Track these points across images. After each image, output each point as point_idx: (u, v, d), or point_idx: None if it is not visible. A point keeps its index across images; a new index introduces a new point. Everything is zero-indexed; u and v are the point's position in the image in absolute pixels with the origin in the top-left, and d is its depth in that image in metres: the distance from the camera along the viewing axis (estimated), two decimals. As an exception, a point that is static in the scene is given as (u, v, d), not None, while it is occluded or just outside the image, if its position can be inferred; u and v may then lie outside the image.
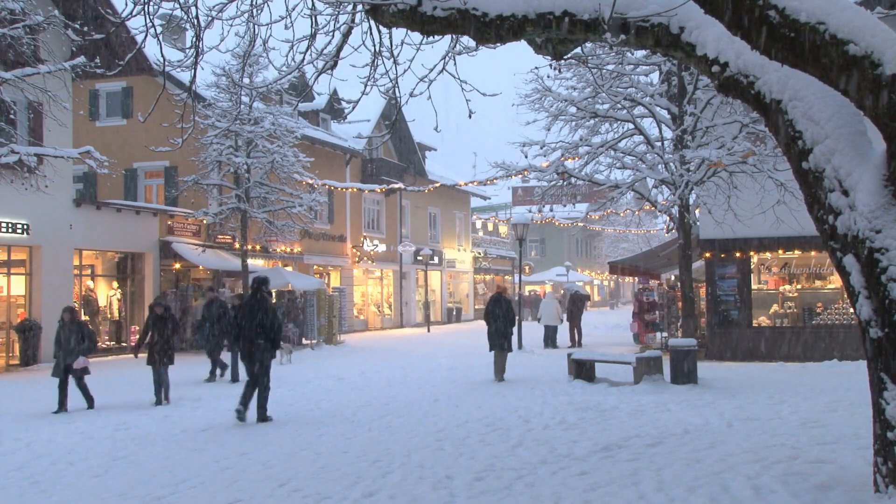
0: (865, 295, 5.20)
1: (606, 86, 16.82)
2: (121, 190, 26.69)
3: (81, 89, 23.08)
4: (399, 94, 8.28)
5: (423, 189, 34.70)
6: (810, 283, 18.95)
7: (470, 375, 16.02)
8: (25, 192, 17.25)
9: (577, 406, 11.19)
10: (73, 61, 16.97)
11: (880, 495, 5.28)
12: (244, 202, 23.33)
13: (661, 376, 13.30)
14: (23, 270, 20.77)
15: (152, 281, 24.22)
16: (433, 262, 39.92)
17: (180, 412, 11.86)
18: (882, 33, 4.77)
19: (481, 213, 57.41)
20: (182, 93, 20.48)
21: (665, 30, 5.57)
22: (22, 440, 9.81)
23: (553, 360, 17.08)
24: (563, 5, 5.55)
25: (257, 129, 23.11)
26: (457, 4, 5.73)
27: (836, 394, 11.90)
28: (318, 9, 7.02)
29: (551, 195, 18.91)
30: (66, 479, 7.81)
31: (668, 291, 22.52)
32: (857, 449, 7.51)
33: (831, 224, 5.32)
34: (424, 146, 42.34)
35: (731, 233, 16.76)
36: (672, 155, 16.75)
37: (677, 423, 9.56)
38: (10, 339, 20.16)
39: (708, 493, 6.26)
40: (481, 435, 9.26)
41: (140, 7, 6.57)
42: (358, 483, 7.10)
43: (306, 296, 25.86)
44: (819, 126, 5.29)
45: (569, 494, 6.45)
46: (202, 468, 8.01)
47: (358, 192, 34.16)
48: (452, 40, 7.73)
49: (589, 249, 70.13)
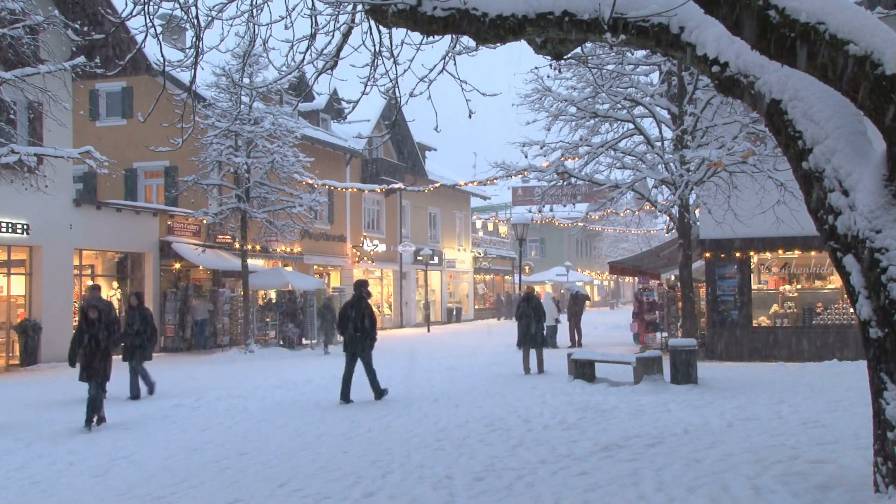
0: (865, 295, 5.19)
1: (606, 86, 16.83)
2: (121, 190, 26.69)
3: (81, 89, 23.08)
4: (399, 94, 8.28)
5: (423, 189, 34.71)
6: (810, 283, 18.95)
7: (470, 375, 16.01)
8: (25, 192, 17.25)
9: (577, 406, 11.18)
10: (73, 61, 16.97)
11: (880, 495, 5.28)
12: (244, 202, 23.33)
13: (661, 376, 13.29)
14: (23, 270, 20.77)
15: (152, 281, 24.22)
16: (433, 262, 39.92)
17: (180, 412, 11.86)
18: (882, 33, 4.77)
19: (481, 213, 57.42)
20: (182, 93, 20.47)
21: (665, 30, 5.56)
22: (22, 440, 9.82)
23: (553, 360, 17.07)
24: (563, 5, 5.55)
25: (257, 129, 23.10)
26: (457, 4, 5.72)
27: (836, 394, 11.90)
28: (318, 9, 7.02)
29: (551, 195, 18.91)
30: (66, 479, 7.81)
31: (668, 291, 22.51)
32: (857, 449, 7.51)
33: (831, 224, 5.31)
34: (424, 146, 42.34)
35: (731, 233, 16.76)
36: (672, 155, 16.75)
37: (677, 423, 9.56)
38: (10, 339, 20.15)
39: (708, 493, 6.26)
40: (481, 435, 9.25)
41: (140, 7, 6.57)
42: (358, 483, 7.10)
43: (306, 296, 25.86)
44: (819, 126, 5.29)
45: (569, 494, 6.45)
46: (202, 468, 8.01)
47: (358, 192, 34.16)
48: (452, 40, 7.72)
49: (589, 249, 70.12)
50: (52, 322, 20.39)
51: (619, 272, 26.15)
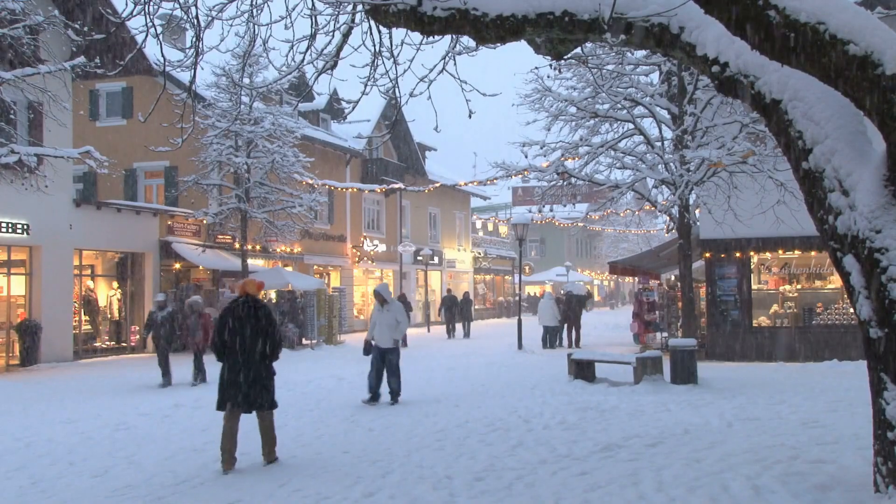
0: (865, 295, 5.19)
1: (606, 86, 16.82)
2: (121, 190, 26.68)
3: (81, 89, 23.10)
4: (399, 94, 8.27)
5: (423, 189, 34.70)
6: (810, 283, 18.94)
7: (470, 375, 16.01)
8: (25, 192, 17.25)
9: (577, 406, 11.18)
10: (73, 61, 16.96)
11: (880, 495, 5.28)
12: (244, 202, 23.33)
13: (661, 376, 13.29)
14: (23, 270, 20.76)
15: (152, 281, 24.22)
16: (433, 262, 39.89)
17: (181, 412, 11.86)
18: (882, 33, 4.77)
19: (481, 213, 57.40)
20: (182, 93, 20.48)
21: (665, 30, 5.57)
22: (22, 440, 9.81)
23: (553, 360, 17.08)
24: (563, 5, 5.55)
25: (257, 129, 23.11)
26: (457, 4, 5.72)
27: (836, 394, 11.89)
28: (318, 9, 7.02)
29: (551, 195, 18.91)
30: (66, 479, 7.81)
31: (668, 291, 22.51)
32: (857, 449, 7.51)
33: (831, 224, 5.31)
34: (424, 146, 42.33)
35: (731, 233, 16.76)
36: (672, 155, 16.75)
37: (677, 423, 9.56)
38: (10, 339, 20.15)
39: (708, 493, 6.26)
40: (481, 435, 9.25)
41: (140, 7, 6.57)
42: (358, 483, 7.10)
43: (306, 296, 25.86)
44: (819, 126, 5.29)
45: (569, 494, 6.45)
46: (202, 468, 8.01)
47: (358, 192, 34.15)
48: (452, 40, 7.72)
49: (589, 249, 70.10)
50: (52, 322, 20.38)
51: (619, 272, 26.12)
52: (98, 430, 10.40)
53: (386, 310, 12.28)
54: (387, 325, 12.23)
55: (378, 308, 12.47)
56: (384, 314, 12.28)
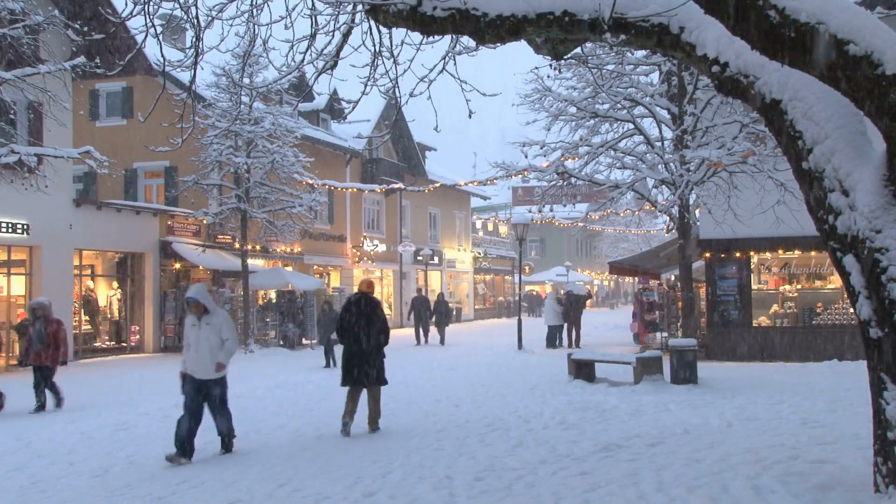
0: (865, 295, 5.19)
1: (606, 86, 16.80)
2: (121, 190, 26.68)
3: (81, 89, 23.07)
4: (399, 94, 8.27)
5: (423, 189, 34.71)
6: (810, 283, 18.94)
7: (470, 375, 16.01)
8: (25, 192, 17.24)
9: (577, 406, 11.18)
10: (73, 61, 16.96)
11: (880, 495, 5.28)
12: (244, 202, 23.33)
13: (661, 376, 13.29)
14: (23, 270, 20.77)
15: (152, 281, 24.23)
16: (433, 262, 39.93)
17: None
18: (882, 33, 4.77)
19: (481, 213, 57.40)
20: (182, 93, 20.46)
21: (665, 30, 5.56)
22: (22, 440, 9.81)
23: (553, 360, 17.08)
24: (563, 5, 5.54)
25: (257, 129, 23.10)
26: (457, 4, 5.72)
27: (836, 394, 11.89)
28: (318, 9, 7.02)
29: (551, 195, 18.89)
30: (66, 479, 7.81)
31: (668, 291, 22.51)
32: (857, 449, 7.51)
33: (831, 224, 5.31)
34: (424, 146, 42.33)
35: (731, 233, 16.76)
36: (672, 155, 16.74)
37: (677, 423, 9.56)
38: (10, 339, 20.14)
39: (708, 493, 6.26)
40: (481, 435, 9.26)
41: (140, 7, 6.56)
42: (358, 483, 7.10)
43: (306, 296, 25.86)
44: (819, 126, 5.29)
45: (569, 494, 6.45)
46: (202, 468, 8.01)
47: (358, 192, 34.15)
48: (452, 40, 7.72)
49: (589, 249, 70.10)
50: (51, 322, 20.35)
51: (619, 272, 26.13)
52: (98, 430, 10.40)
53: (205, 323, 8.48)
54: (207, 346, 8.44)
55: (194, 321, 8.57)
56: (203, 330, 8.47)
